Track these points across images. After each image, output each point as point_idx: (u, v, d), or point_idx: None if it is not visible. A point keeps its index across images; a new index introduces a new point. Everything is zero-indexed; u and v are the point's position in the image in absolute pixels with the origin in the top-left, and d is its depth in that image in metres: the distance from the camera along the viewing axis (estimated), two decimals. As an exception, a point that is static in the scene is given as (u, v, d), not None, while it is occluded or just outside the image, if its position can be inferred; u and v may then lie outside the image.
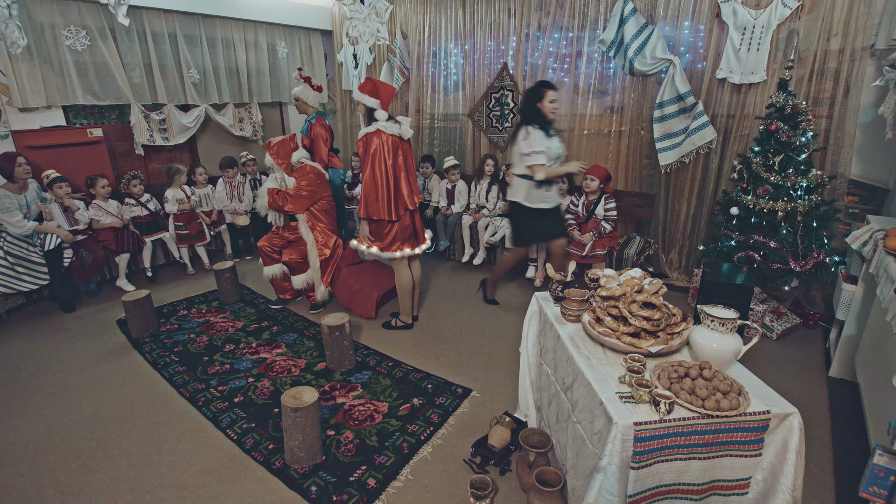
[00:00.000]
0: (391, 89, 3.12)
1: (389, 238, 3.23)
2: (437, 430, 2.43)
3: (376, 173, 3.05)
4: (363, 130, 3.09)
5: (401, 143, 3.14)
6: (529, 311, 2.33)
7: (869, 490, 1.53)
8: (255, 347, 3.27)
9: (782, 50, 3.46)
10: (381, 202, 3.09)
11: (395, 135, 3.09)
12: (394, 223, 3.20)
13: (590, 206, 3.94)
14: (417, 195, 3.29)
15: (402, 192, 3.17)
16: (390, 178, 3.09)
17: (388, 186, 3.09)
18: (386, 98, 3.07)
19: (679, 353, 1.79)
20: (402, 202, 3.18)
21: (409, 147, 3.25)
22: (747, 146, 3.66)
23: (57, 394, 2.79)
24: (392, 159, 3.08)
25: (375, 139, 3.03)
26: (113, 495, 2.06)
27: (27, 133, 4.10)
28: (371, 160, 3.04)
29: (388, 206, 3.11)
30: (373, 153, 3.03)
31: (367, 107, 3.08)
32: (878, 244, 2.42)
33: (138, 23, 4.64)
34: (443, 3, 5.19)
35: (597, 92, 4.42)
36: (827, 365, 2.95)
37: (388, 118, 3.08)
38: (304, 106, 4.14)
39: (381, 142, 3.03)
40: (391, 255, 3.27)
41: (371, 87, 3.05)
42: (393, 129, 3.07)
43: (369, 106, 3.07)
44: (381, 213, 3.10)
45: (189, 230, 4.57)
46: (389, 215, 3.13)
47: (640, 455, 1.42)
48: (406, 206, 3.20)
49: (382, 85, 3.08)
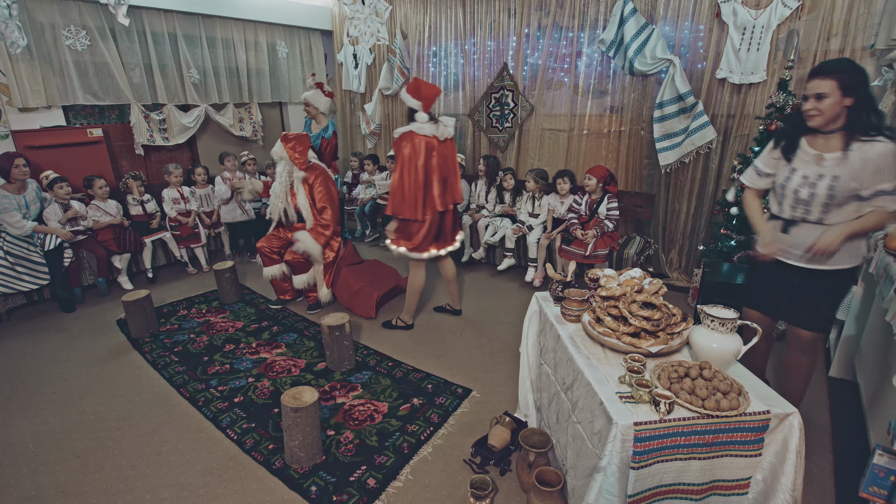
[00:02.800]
0: (435, 90, 3.10)
1: (419, 238, 3.21)
2: (437, 430, 2.43)
3: (404, 174, 3.05)
4: (398, 130, 3.11)
5: (437, 144, 3.11)
6: (529, 311, 2.34)
7: (869, 490, 1.53)
8: (255, 347, 3.27)
9: (782, 50, 3.46)
10: (408, 202, 3.08)
11: (430, 136, 3.08)
12: (423, 223, 3.18)
13: (592, 206, 3.95)
14: (454, 196, 3.26)
15: (433, 192, 3.14)
16: (420, 178, 3.07)
17: (415, 187, 3.08)
18: (428, 99, 3.07)
19: (679, 353, 1.79)
20: (432, 203, 3.15)
21: (451, 148, 3.23)
22: (747, 146, 3.66)
23: (57, 394, 2.79)
24: (424, 160, 3.06)
25: (406, 140, 3.04)
26: (113, 495, 2.06)
27: (27, 133, 4.11)
28: (400, 160, 3.06)
29: (414, 206, 3.10)
30: (403, 154, 3.04)
31: (408, 107, 3.10)
32: (878, 244, 2.42)
33: (138, 23, 4.64)
34: (443, 3, 5.19)
35: (596, 92, 4.42)
36: (827, 365, 2.95)
37: (430, 119, 3.08)
38: (314, 111, 4.16)
39: (413, 144, 3.03)
40: (418, 256, 3.27)
41: (414, 88, 3.06)
42: (427, 130, 3.06)
43: (411, 107, 3.08)
44: (406, 212, 3.11)
45: (180, 232, 4.56)
46: (414, 215, 3.12)
47: (640, 455, 1.42)
48: (435, 208, 3.17)
49: (426, 86, 3.06)
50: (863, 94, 1.82)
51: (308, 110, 4.19)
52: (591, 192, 3.95)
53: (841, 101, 1.82)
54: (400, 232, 3.24)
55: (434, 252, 3.30)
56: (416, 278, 3.40)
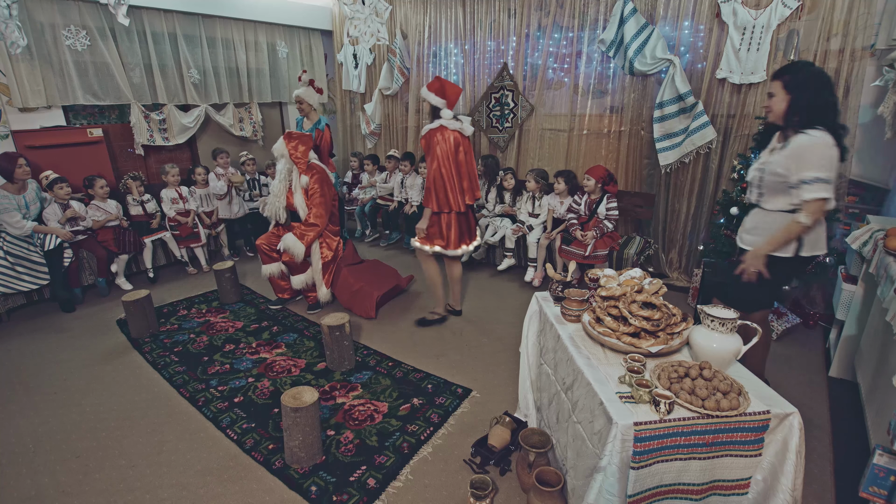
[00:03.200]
0: (458, 89, 3.12)
1: (454, 234, 3.24)
2: (437, 430, 2.43)
3: (442, 167, 3.08)
4: (426, 127, 3.13)
5: (462, 139, 3.16)
6: (529, 311, 2.34)
7: (869, 490, 1.53)
8: (255, 347, 3.27)
9: (782, 50, 3.46)
10: (451, 194, 3.12)
11: (457, 130, 3.11)
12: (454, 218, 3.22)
13: (592, 206, 3.95)
14: (477, 191, 3.31)
15: (464, 186, 3.19)
16: (454, 172, 3.12)
17: (453, 180, 3.12)
18: (452, 98, 3.09)
19: (679, 353, 1.79)
20: (464, 196, 3.21)
21: (470, 144, 3.28)
22: (747, 146, 3.66)
23: (57, 394, 2.79)
24: (454, 154, 3.11)
25: (439, 135, 3.06)
26: (113, 495, 2.06)
27: (27, 133, 4.11)
28: (436, 155, 3.07)
29: (456, 199, 3.15)
30: (438, 149, 3.06)
31: (431, 105, 3.11)
32: (878, 244, 2.42)
33: (138, 23, 4.64)
34: (443, 3, 5.19)
35: (596, 92, 4.42)
36: (827, 365, 2.95)
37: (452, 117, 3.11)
38: (307, 108, 4.21)
39: (444, 138, 3.06)
40: (454, 254, 3.31)
41: (438, 87, 3.07)
42: (455, 124, 3.10)
43: (435, 105, 3.09)
44: (451, 204, 3.14)
45: (180, 231, 4.57)
46: (458, 206, 3.16)
47: (640, 455, 1.42)
48: (466, 201, 3.23)
49: (449, 85, 3.08)
50: (797, 94, 2.00)
51: (301, 107, 4.24)
52: (590, 193, 3.95)
53: (786, 99, 2.03)
54: (431, 230, 3.26)
55: (465, 248, 3.34)
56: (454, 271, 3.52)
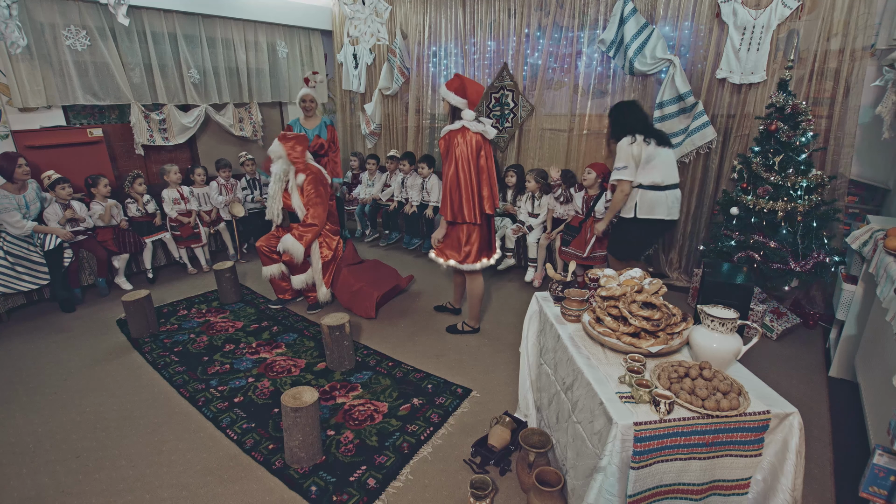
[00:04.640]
0: (479, 88, 2.92)
1: (473, 247, 3.04)
2: (437, 430, 2.43)
3: (460, 174, 2.87)
4: (446, 128, 2.95)
5: (484, 142, 2.96)
6: (529, 311, 2.34)
7: (869, 490, 1.53)
8: (255, 347, 3.27)
9: (782, 50, 3.46)
10: (466, 204, 2.91)
11: (480, 132, 2.93)
12: (473, 229, 3.03)
13: (589, 202, 3.93)
14: (496, 200, 3.06)
15: (483, 194, 2.97)
16: (473, 179, 2.90)
17: (471, 188, 2.90)
18: (474, 97, 2.89)
19: (679, 353, 1.79)
20: (482, 206, 2.99)
21: (492, 149, 3.09)
22: (747, 146, 3.66)
23: (57, 394, 2.79)
24: (475, 159, 2.91)
25: (459, 137, 2.87)
26: (113, 495, 2.06)
27: (27, 133, 4.10)
28: (454, 159, 2.88)
29: (472, 209, 2.93)
30: (457, 152, 2.88)
31: (451, 105, 2.92)
32: (878, 244, 2.42)
33: (138, 23, 4.64)
34: (443, 3, 5.19)
35: (596, 92, 4.42)
36: (827, 365, 2.95)
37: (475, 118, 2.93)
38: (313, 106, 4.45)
39: (465, 141, 2.87)
40: (471, 268, 3.11)
41: (458, 85, 2.87)
42: (478, 126, 2.91)
43: (455, 105, 2.90)
44: (465, 215, 2.93)
45: (181, 232, 4.57)
46: (473, 218, 2.94)
47: (640, 455, 1.42)
48: (485, 211, 3.00)
49: (471, 83, 2.88)
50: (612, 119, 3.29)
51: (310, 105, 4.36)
52: (588, 188, 3.94)
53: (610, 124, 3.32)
54: (447, 241, 3.07)
55: (485, 262, 3.14)
56: (474, 287, 3.25)
